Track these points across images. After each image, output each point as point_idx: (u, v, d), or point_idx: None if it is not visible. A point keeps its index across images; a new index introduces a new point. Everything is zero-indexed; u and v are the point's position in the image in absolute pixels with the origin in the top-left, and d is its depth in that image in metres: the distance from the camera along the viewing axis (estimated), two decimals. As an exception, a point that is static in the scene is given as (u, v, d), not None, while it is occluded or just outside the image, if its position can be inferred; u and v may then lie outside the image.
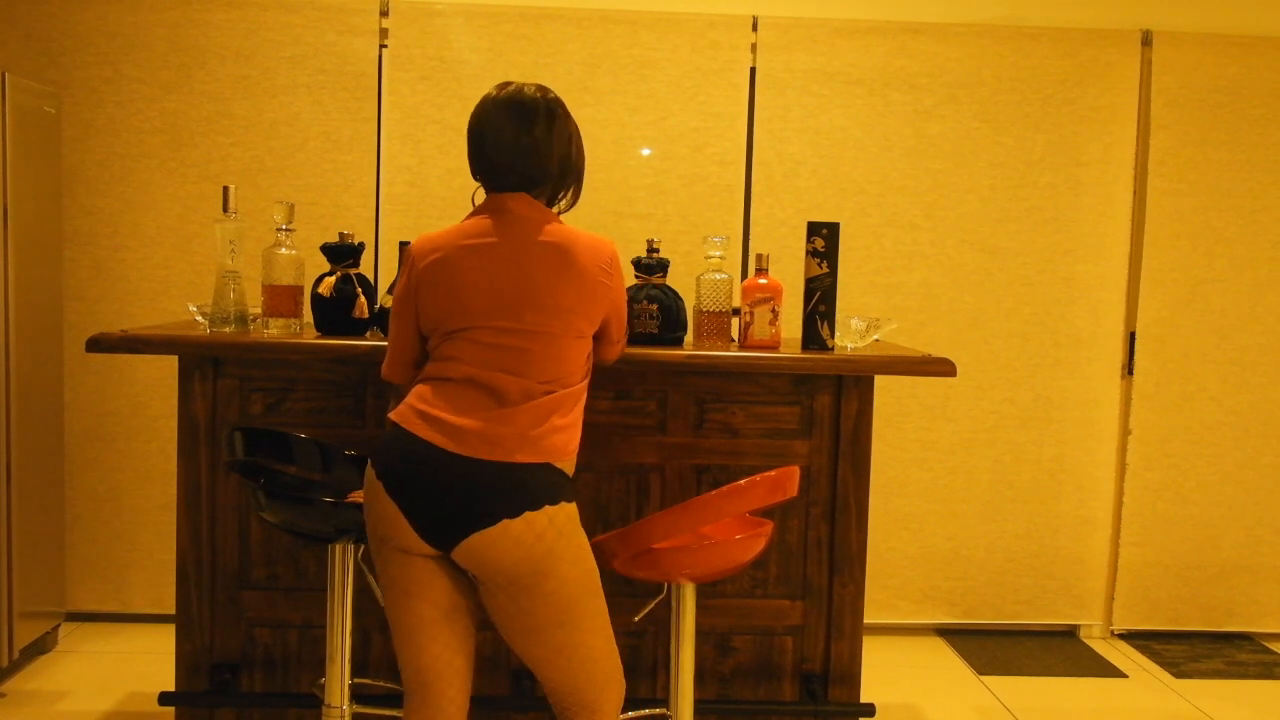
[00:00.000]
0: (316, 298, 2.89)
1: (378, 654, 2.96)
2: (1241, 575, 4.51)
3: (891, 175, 4.36)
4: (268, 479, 2.56)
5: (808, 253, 2.92)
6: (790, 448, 2.96)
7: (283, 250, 2.85)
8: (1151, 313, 4.44)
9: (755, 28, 4.29)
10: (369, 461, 2.19)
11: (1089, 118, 4.38)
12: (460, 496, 2.09)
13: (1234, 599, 4.52)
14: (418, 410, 2.16)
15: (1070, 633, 4.55)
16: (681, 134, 4.28)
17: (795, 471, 2.47)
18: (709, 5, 4.25)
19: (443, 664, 2.20)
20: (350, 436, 2.88)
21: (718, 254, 2.97)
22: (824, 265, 2.91)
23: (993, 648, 4.34)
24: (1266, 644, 4.48)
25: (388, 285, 2.95)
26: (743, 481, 2.41)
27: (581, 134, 2.36)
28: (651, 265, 2.98)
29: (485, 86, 4.22)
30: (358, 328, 2.88)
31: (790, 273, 3.09)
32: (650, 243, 3.03)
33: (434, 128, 4.23)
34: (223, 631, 2.94)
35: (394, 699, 2.87)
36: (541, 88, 2.30)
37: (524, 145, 2.24)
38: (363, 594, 2.76)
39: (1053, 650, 4.35)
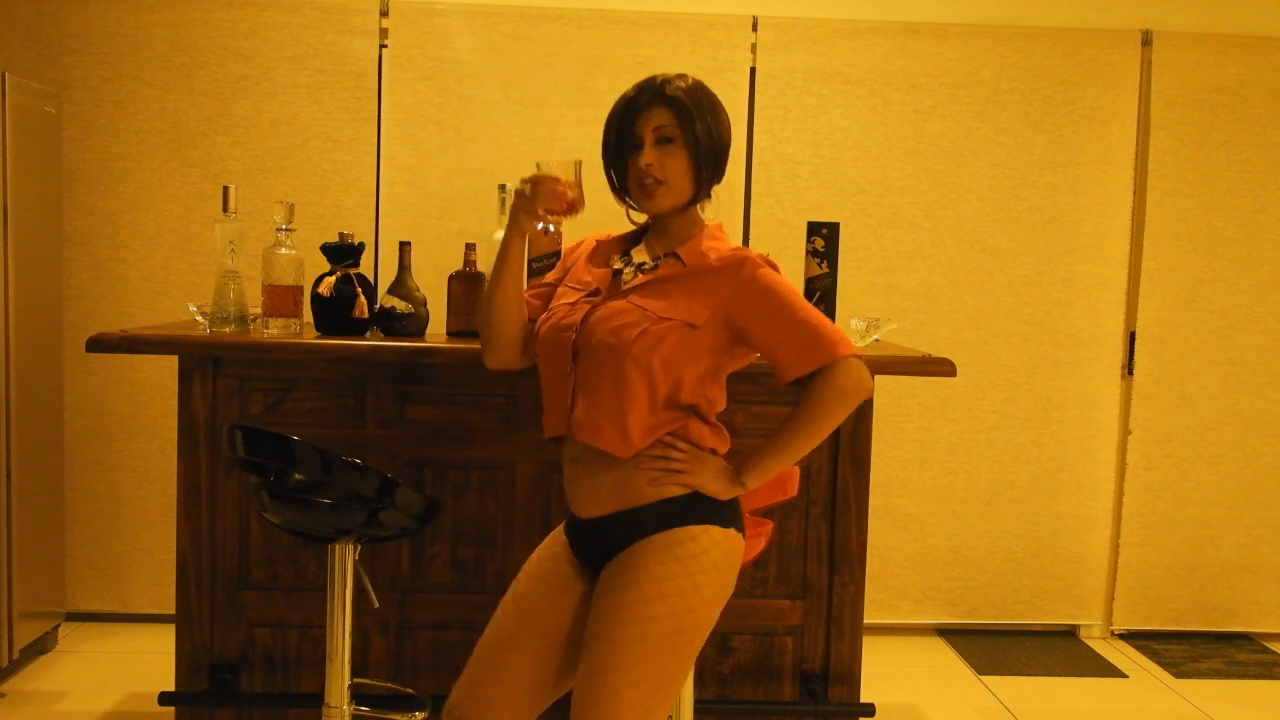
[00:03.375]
0: (317, 298, 2.89)
1: (378, 654, 2.96)
2: (1241, 575, 4.51)
3: (891, 175, 4.36)
4: (271, 478, 2.55)
5: (808, 253, 2.92)
6: (790, 448, 2.95)
7: (283, 250, 2.85)
8: (1151, 313, 4.44)
9: (755, 28, 4.29)
10: (736, 528, 2.13)
11: (1089, 118, 4.38)
12: None
13: (1234, 599, 4.52)
14: None
15: (1070, 633, 4.55)
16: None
17: (795, 471, 2.46)
18: (709, 5, 4.25)
19: None
20: (351, 437, 2.88)
21: (718, 254, 2.97)
22: (824, 265, 2.91)
23: (993, 648, 4.34)
24: (1266, 644, 4.48)
25: (388, 285, 2.95)
26: (743, 481, 2.41)
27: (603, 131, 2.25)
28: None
29: (485, 86, 4.27)
30: (358, 328, 2.88)
31: (790, 272, 3.06)
32: (650, 243, 3.03)
33: (434, 128, 4.23)
34: (223, 631, 2.94)
35: (394, 699, 2.88)
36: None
37: None
38: (364, 594, 2.76)
39: (1053, 650, 4.35)
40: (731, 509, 2.11)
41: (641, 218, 2.24)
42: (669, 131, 2.11)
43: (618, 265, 2.18)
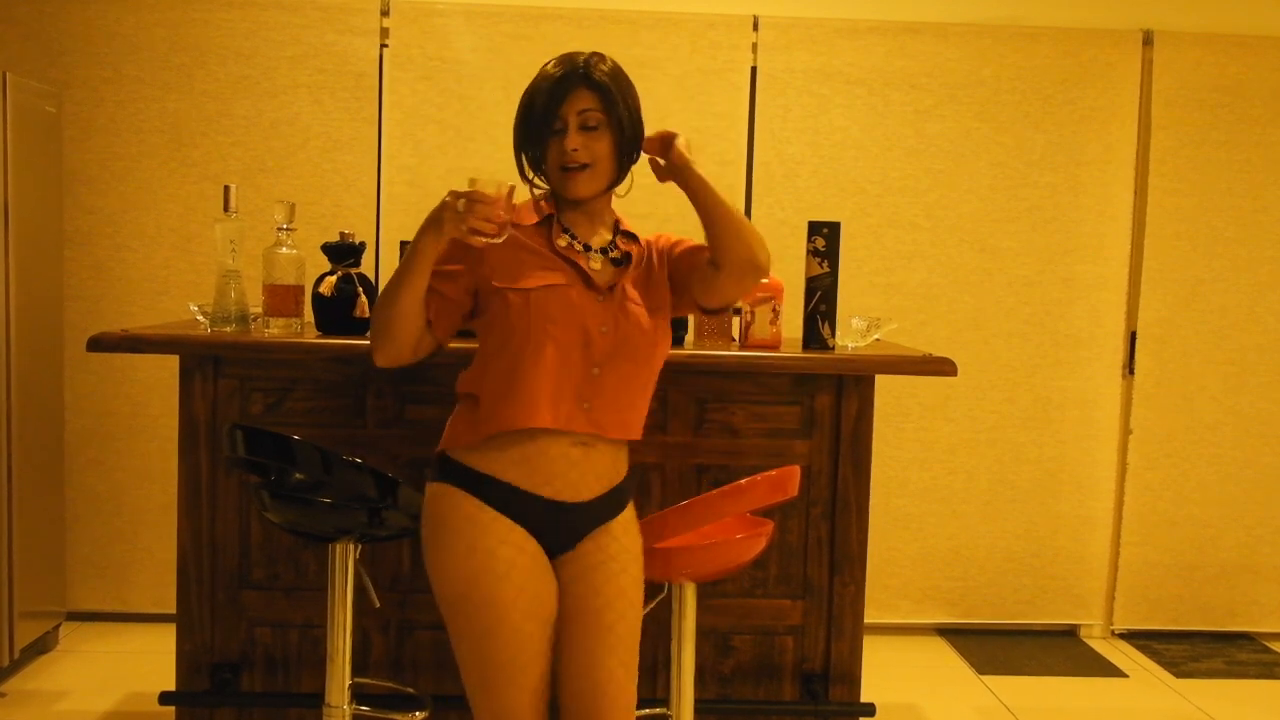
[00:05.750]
0: (317, 297, 2.89)
1: (378, 654, 2.96)
2: (1241, 575, 4.51)
3: (891, 175, 4.36)
4: (271, 478, 2.55)
5: (808, 252, 2.92)
6: (791, 447, 2.96)
7: (283, 250, 2.85)
8: (1151, 313, 4.44)
9: (755, 27, 4.29)
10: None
11: (1089, 118, 4.38)
12: None
13: (1234, 599, 4.52)
14: None
15: (1070, 632, 4.55)
16: (682, 134, 4.27)
17: (795, 471, 2.46)
18: (709, 5, 4.25)
19: None
20: (351, 436, 2.88)
21: (718, 254, 2.97)
22: (825, 265, 2.91)
23: (993, 647, 4.34)
24: (1267, 644, 4.48)
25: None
26: (743, 481, 2.41)
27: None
28: (652, 265, 2.98)
29: (485, 86, 4.27)
30: (359, 327, 2.87)
31: (790, 272, 3.09)
32: (651, 242, 3.03)
33: (434, 128, 4.23)
34: (223, 631, 2.94)
35: (394, 699, 2.88)
36: None
37: None
38: (364, 594, 2.76)
39: (1053, 650, 4.35)
40: None
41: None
42: (593, 117, 2.10)
43: (575, 246, 2.17)
